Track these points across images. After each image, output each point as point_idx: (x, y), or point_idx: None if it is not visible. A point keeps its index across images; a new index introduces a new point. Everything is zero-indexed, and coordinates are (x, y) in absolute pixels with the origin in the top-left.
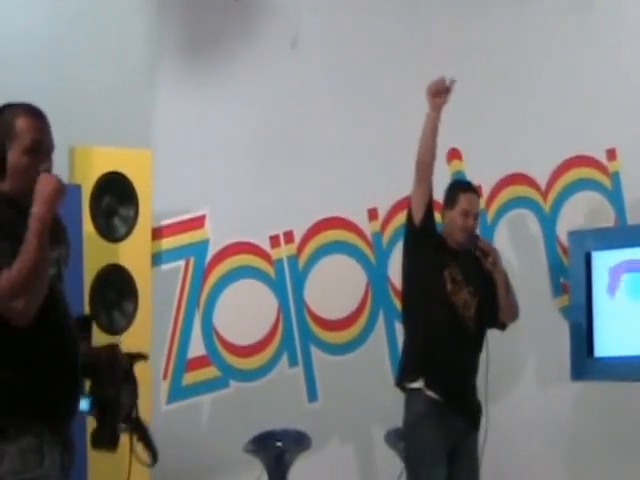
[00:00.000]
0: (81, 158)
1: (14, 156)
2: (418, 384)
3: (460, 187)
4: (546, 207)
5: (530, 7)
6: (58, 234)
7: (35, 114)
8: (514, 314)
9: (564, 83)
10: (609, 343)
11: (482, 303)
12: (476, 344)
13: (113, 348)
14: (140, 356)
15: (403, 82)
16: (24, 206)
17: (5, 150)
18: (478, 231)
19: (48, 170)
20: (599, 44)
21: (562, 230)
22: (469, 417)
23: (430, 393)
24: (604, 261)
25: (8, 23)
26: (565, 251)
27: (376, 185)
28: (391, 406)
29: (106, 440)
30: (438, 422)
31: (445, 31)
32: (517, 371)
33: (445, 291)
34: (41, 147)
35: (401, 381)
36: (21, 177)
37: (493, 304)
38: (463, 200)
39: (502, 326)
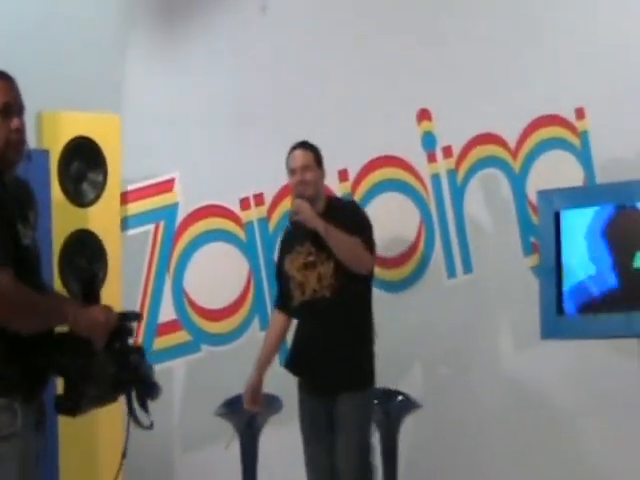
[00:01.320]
0: (49, 123)
1: None
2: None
3: (291, 148)
4: (516, 167)
5: None
6: (29, 198)
7: (1, 77)
8: (355, 263)
9: (533, 42)
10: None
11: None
12: (334, 310)
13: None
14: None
15: (375, 44)
16: (1, 172)
17: None
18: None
19: (20, 130)
20: (569, 2)
21: (532, 189)
22: (321, 389)
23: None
24: (573, 220)
25: None
26: (535, 210)
27: (346, 146)
28: None
29: (66, 407)
30: (302, 402)
31: None
32: (489, 330)
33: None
34: (10, 108)
35: None
36: None
37: None
38: (288, 161)
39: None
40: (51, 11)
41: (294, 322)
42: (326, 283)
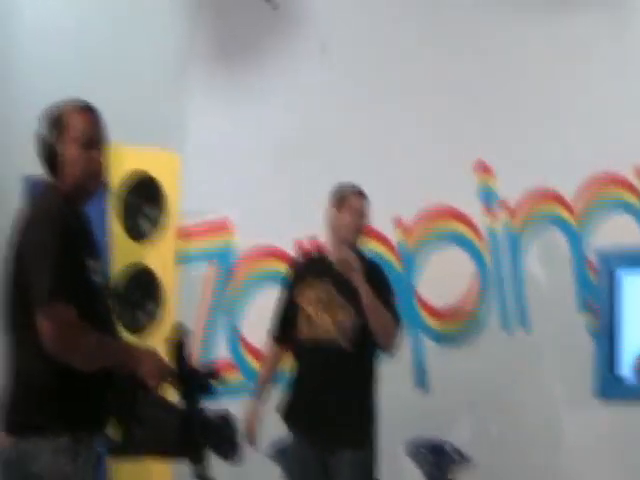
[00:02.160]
0: (110, 158)
1: (68, 150)
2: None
3: (346, 188)
4: (575, 224)
5: (563, 22)
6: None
7: (86, 109)
8: (385, 341)
9: (594, 99)
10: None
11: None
12: (347, 364)
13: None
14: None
15: (430, 89)
16: (78, 203)
17: (56, 147)
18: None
19: (101, 162)
20: (633, 59)
21: (590, 248)
22: (322, 443)
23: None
24: (632, 281)
25: (46, 26)
26: (593, 269)
27: (402, 194)
28: (411, 416)
29: (111, 447)
30: (295, 450)
31: (473, 41)
32: (543, 387)
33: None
34: (92, 140)
35: None
36: (75, 170)
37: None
38: (353, 200)
39: (382, 348)
40: (116, 50)
41: None
42: (343, 332)
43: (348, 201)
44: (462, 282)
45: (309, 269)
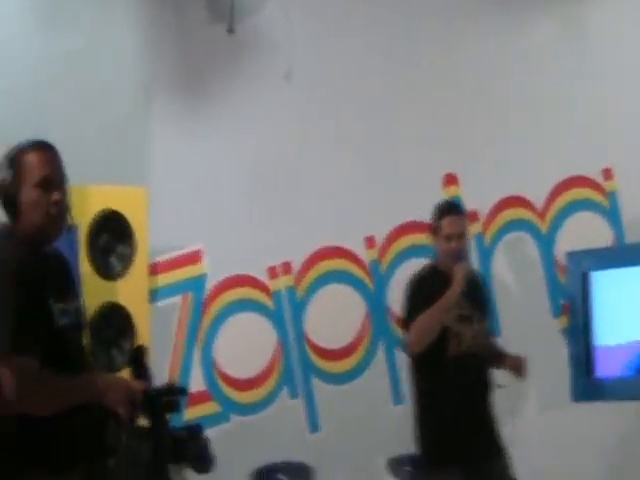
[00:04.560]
0: (76, 197)
1: (26, 193)
2: None
3: (441, 211)
4: (543, 229)
5: (524, 30)
6: (67, 270)
7: (42, 148)
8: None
9: (558, 104)
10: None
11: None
12: (485, 377)
13: None
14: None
15: (398, 113)
16: (39, 246)
17: (17, 190)
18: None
19: (62, 204)
20: (593, 65)
21: (560, 251)
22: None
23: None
24: (602, 281)
25: (1, 62)
26: (563, 272)
27: (372, 213)
28: (393, 434)
29: None
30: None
31: (440, 57)
32: (519, 392)
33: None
34: (51, 180)
35: None
36: (33, 211)
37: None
38: (444, 225)
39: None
40: (75, 87)
41: None
42: (481, 342)
43: (439, 228)
44: None
45: (437, 286)
